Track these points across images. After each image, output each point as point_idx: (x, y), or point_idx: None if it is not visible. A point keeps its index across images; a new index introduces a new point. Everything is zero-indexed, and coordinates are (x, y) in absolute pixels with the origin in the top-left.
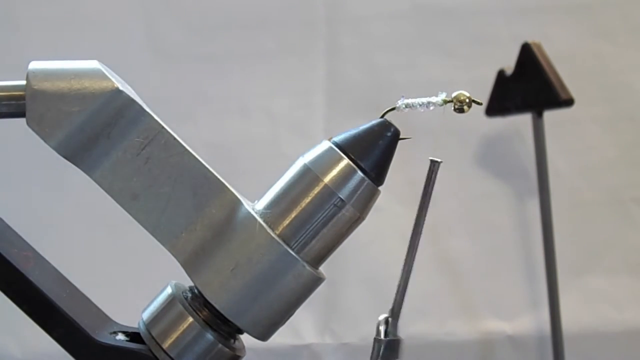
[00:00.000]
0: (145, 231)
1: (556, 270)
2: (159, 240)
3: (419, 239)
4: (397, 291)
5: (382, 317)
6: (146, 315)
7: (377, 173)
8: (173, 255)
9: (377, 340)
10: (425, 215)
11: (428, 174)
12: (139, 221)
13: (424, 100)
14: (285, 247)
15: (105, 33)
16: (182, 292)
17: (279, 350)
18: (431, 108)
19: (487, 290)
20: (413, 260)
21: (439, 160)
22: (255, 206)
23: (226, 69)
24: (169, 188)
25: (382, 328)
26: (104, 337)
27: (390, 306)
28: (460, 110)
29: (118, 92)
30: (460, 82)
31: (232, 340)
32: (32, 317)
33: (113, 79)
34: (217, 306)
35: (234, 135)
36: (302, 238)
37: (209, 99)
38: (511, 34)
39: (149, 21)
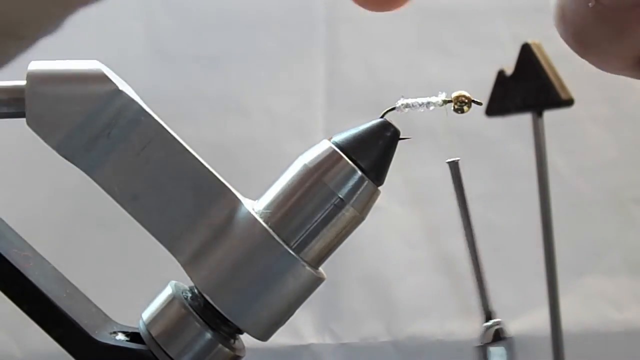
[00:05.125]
0: (145, 231)
1: (556, 270)
2: (159, 240)
3: (474, 238)
4: (478, 293)
5: (487, 323)
6: (146, 315)
7: (377, 173)
8: (173, 255)
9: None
10: (469, 215)
11: (453, 176)
12: (139, 221)
13: (424, 100)
14: (285, 247)
15: (105, 33)
16: (182, 292)
17: (279, 350)
18: (431, 108)
19: (489, 289)
20: (478, 258)
21: (456, 159)
22: (255, 206)
23: (226, 68)
24: (169, 188)
25: (491, 332)
26: (103, 337)
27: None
28: (460, 110)
29: (118, 92)
30: (460, 82)
31: (232, 341)
32: (31, 317)
33: (113, 79)
34: (216, 306)
35: (234, 135)
36: (301, 238)
37: (209, 99)
38: (511, 34)
39: (149, 21)
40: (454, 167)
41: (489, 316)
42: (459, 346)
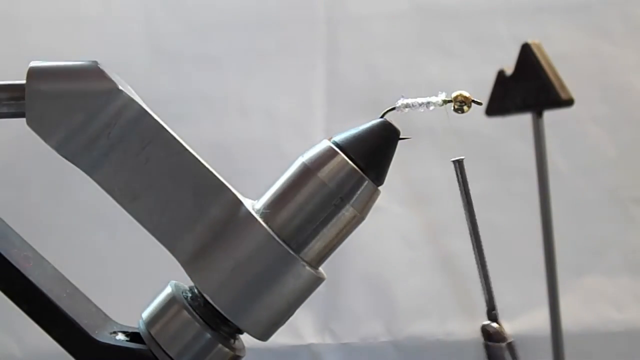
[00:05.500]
0: (145, 231)
1: (556, 270)
2: (159, 240)
3: (479, 237)
4: (484, 292)
5: (485, 323)
6: (146, 315)
7: (377, 173)
8: (173, 255)
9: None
10: (474, 214)
11: (457, 174)
12: (139, 221)
13: (424, 100)
14: (285, 247)
15: (105, 33)
16: (182, 292)
17: (279, 350)
18: (431, 108)
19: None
20: (483, 257)
21: (460, 157)
22: (255, 206)
23: (226, 68)
24: (169, 188)
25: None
26: (103, 337)
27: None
28: (460, 110)
29: (118, 92)
30: (460, 82)
31: (232, 340)
32: (32, 317)
33: (113, 79)
34: (216, 306)
35: (234, 135)
36: (301, 238)
37: (209, 99)
38: (511, 34)
39: (149, 21)
40: (459, 166)
41: (494, 318)
42: (459, 346)
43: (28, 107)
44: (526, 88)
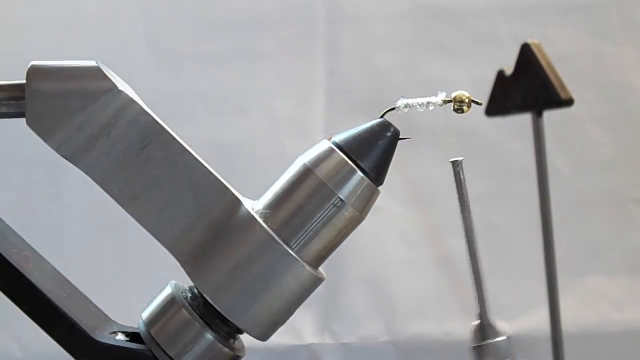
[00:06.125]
0: (145, 231)
1: (556, 270)
2: (159, 240)
3: (475, 239)
4: (476, 294)
5: (474, 324)
6: (146, 315)
7: (377, 173)
8: (173, 255)
9: (474, 348)
10: (470, 216)
11: (455, 176)
12: (139, 221)
13: (424, 100)
14: (285, 247)
15: (105, 33)
16: (182, 292)
17: (279, 350)
18: (431, 108)
19: (487, 290)
20: (478, 260)
21: (459, 159)
22: (255, 206)
23: (226, 68)
24: (169, 188)
25: (477, 335)
26: (103, 337)
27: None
28: (460, 110)
29: (118, 92)
30: (460, 82)
31: (232, 341)
32: (32, 317)
33: (113, 79)
34: (216, 306)
35: (234, 135)
36: (302, 238)
37: (209, 99)
38: (511, 34)
39: (149, 21)
40: (457, 166)
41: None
42: (459, 346)
43: (28, 107)
44: (526, 88)
